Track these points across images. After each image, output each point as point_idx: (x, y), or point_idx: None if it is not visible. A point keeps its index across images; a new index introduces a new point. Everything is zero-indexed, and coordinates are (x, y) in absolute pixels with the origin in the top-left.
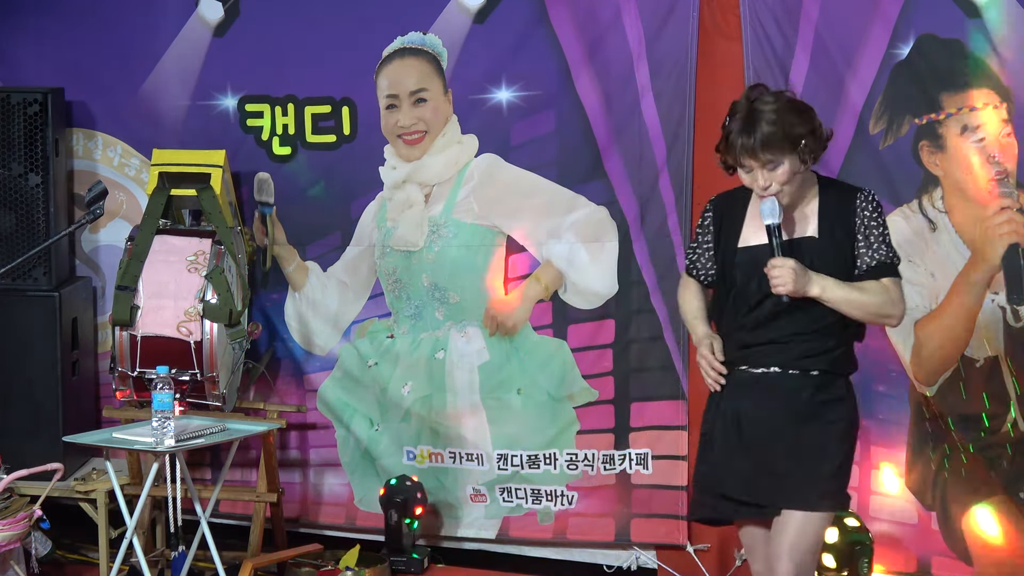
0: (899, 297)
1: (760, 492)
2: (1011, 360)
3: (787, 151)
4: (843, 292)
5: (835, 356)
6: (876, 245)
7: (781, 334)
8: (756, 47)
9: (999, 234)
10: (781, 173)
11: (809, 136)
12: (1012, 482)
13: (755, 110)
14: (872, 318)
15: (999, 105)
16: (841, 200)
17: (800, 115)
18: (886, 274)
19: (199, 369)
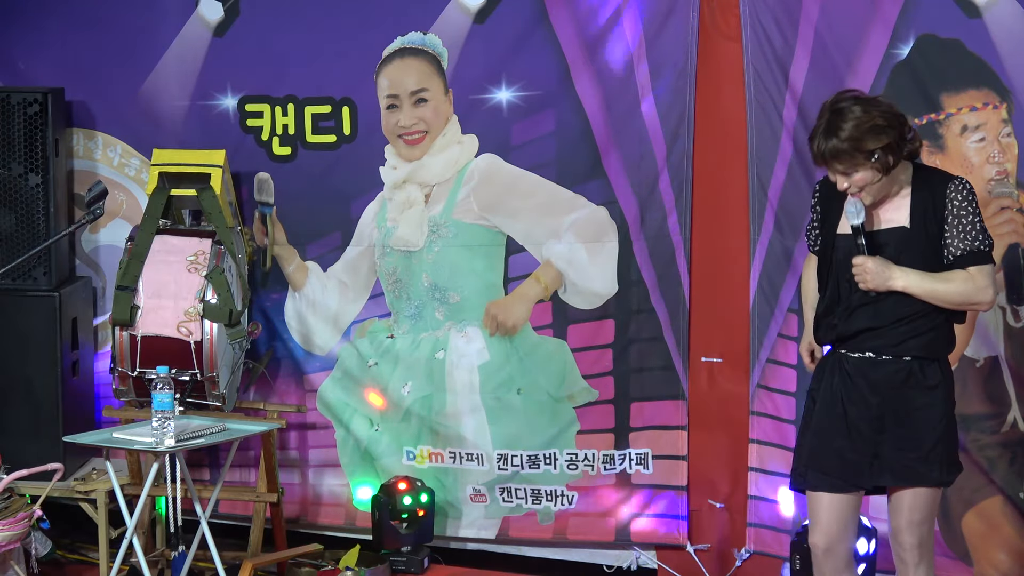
0: (986, 284)
1: (856, 474)
2: (1011, 360)
3: (860, 163)
4: (928, 285)
5: (927, 340)
6: (963, 234)
7: (873, 322)
8: (756, 47)
9: (999, 234)
10: (858, 179)
11: (882, 151)
12: (1012, 482)
13: (832, 122)
14: (960, 307)
15: (999, 105)
16: (934, 189)
17: (878, 132)
18: (973, 262)
19: (199, 369)
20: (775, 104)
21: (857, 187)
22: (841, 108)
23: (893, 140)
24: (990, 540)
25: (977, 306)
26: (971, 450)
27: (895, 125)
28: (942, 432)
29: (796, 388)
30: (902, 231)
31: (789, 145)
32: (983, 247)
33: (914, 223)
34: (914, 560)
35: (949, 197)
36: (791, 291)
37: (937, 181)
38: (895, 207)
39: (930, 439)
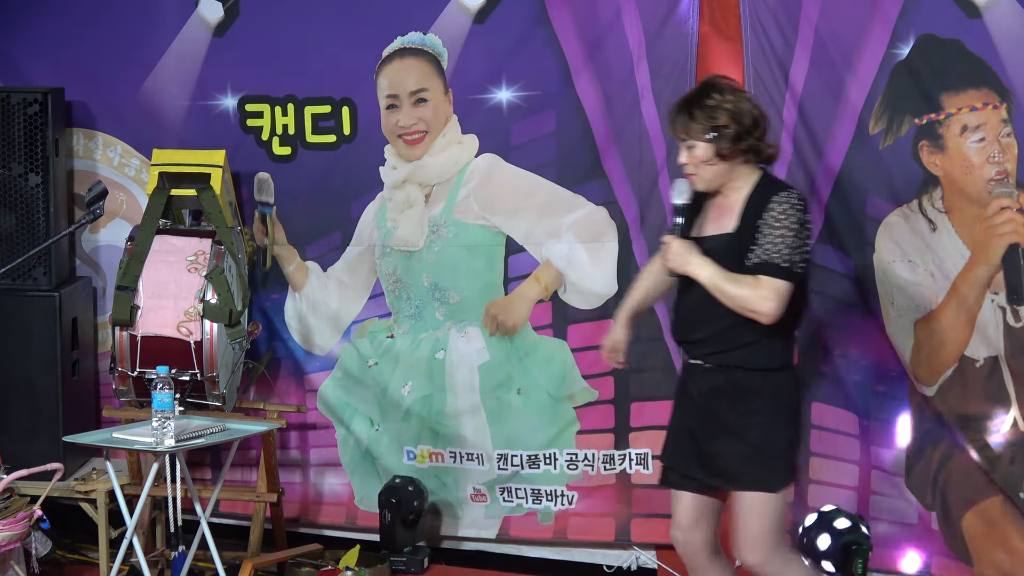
0: (771, 295)
1: (695, 470)
2: (1011, 360)
3: (697, 136)
4: (716, 280)
5: (751, 351)
6: (766, 244)
7: (703, 330)
8: (756, 47)
9: (999, 234)
10: (696, 155)
11: (721, 134)
12: (1012, 482)
13: (694, 92)
14: (740, 310)
15: (999, 105)
16: (763, 198)
17: (724, 114)
18: (765, 272)
19: (199, 369)
20: (775, 104)
21: (693, 164)
22: (708, 83)
23: (735, 130)
24: (990, 540)
25: (755, 315)
26: (971, 450)
27: (744, 118)
28: (763, 440)
29: None
30: (727, 236)
31: (789, 145)
32: (781, 262)
33: (739, 229)
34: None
35: (769, 208)
36: None
37: (771, 191)
38: (729, 214)
39: (750, 446)
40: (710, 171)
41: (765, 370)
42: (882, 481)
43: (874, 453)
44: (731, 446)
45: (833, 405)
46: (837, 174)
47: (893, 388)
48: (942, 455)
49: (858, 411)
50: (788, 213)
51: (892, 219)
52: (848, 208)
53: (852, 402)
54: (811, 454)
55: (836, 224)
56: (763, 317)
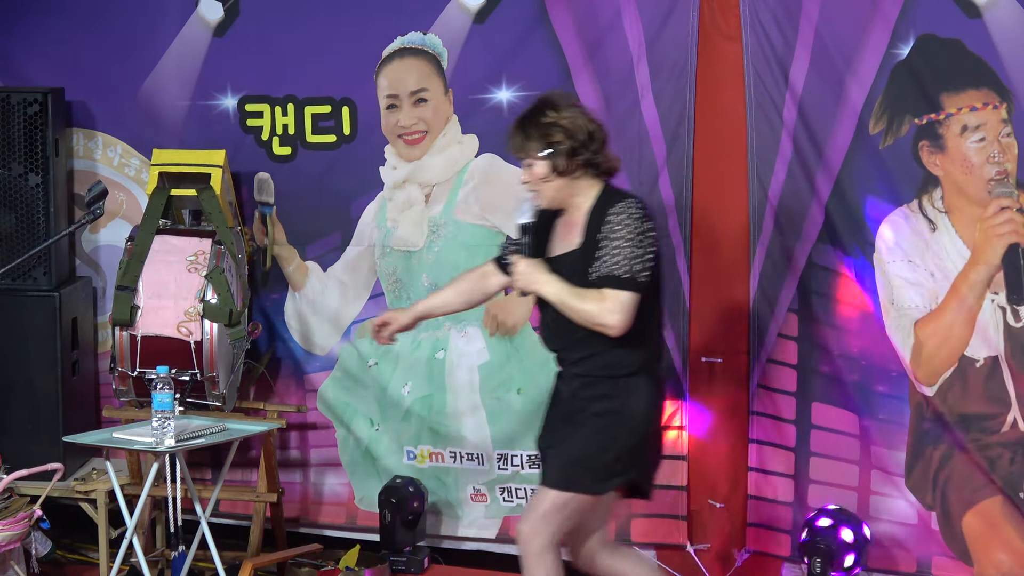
0: (616, 308)
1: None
2: (1011, 360)
3: (534, 154)
4: (563, 296)
5: (602, 360)
6: (607, 257)
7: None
8: (756, 47)
9: (999, 234)
10: (535, 172)
11: (555, 150)
12: (1012, 482)
13: (528, 110)
14: (587, 324)
15: (999, 105)
16: (604, 210)
17: (558, 131)
18: (608, 285)
19: (199, 369)
20: (775, 104)
21: (533, 182)
22: (543, 99)
23: (571, 145)
24: (990, 540)
25: (602, 328)
26: (971, 450)
27: (579, 133)
28: (588, 450)
29: (796, 388)
30: (574, 252)
31: (789, 145)
32: (622, 273)
33: (584, 244)
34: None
35: (608, 220)
36: (791, 291)
37: (610, 202)
38: (575, 230)
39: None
40: (550, 188)
41: (613, 377)
42: (882, 481)
43: (874, 453)
44: (559, 443)
45: (833, 405)
46: (837, 174)
47: (893, 388)
48: (942, 455)
49: (858, 411)
50: (625, 223)
51: (892, 219)
52: (848, 208)
53: (852, 402)
54: (811, 454)
55: (836, 224)
56: (610, 330)
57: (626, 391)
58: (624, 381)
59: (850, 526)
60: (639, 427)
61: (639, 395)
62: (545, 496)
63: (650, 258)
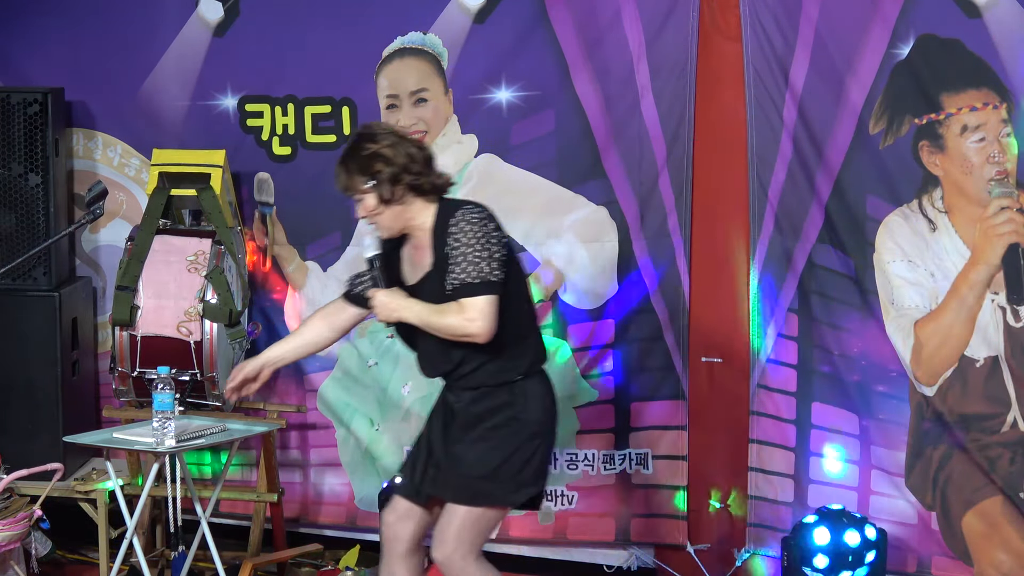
0: (476, 315)
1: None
2: (1011, 360)
3: (359, 188)
4: (425, 316)
5: (492, 369)
6: (457, 267)
7: (441, 366)
8: (756, 47)
9: (999, 234)
10: (366, 207)
11: (379, 181)
12: (1012, 482)
13: (348, 147)
14: (455, 338)
15: (999, 105)
16: (444, 224)
17: (378, 160)
18: (465, 294)
19: (199, 369)
20: (775, 104)
21: (366, 215)
22: (359, 134)
23: (392, 172)
24: (990, 540)
25: (469, 337)
26: (971, 450)
27: (397, 158)
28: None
29: (796, 388)
30: (429, 274)
31: (789, 145)
32: (472, 279)
33: (435, 263)
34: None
35: (450, 232)
36: (791, 291)
37: (450, 214)
38: (425, 252)
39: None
40: (385, 218)
41: (508, 383)
42: (882, 481)
43: (874, 453)
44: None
45: (833, 405)
46: (837, 174)
47: (893, 388)
48: (942, 455)
49: (858, 411)
50: (465, 230)
51: (892, 219)
52: (848, 208)
53: (852, 402)
54: (811, 454)
55: (836, 224)
56: (477, 337)
57: (523, 397)
58: (520, 386)
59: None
60: (543, 431)
61: (536, 399)
62: (454, 514)
63: (500, 257)
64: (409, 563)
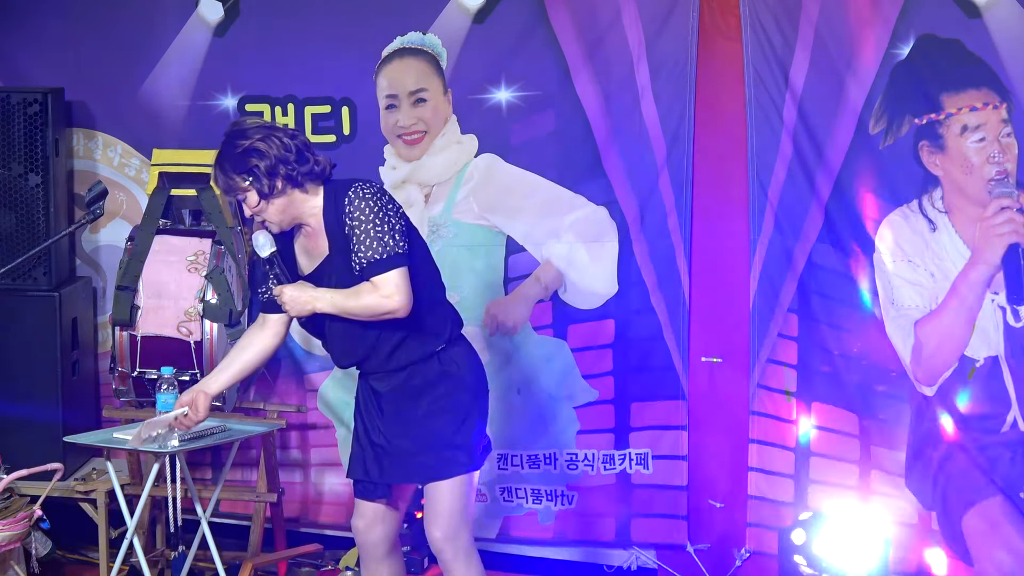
0: (391, 291)
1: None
2: (1011, 360)
3: (240, 187)
4: (339, 302)
5: (413, 344)
6: (360, 245)
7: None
8: (756, 47)
9: (999, 234)
10: (250, 203)
11: (256, 174)
12: (1012, 482)
13: (220, 150)
14: (375, 318)
15: (999, 105)
16: (336, 205)
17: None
18: (375, 272)
19: (199, 369)
20: (775, 104)
21: (253, 212)
22: (229, 133)
23: (265, 165)
24: (990, 540)
25: (391, 314)
26: (971, 450)
27: (270, 151)
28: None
29: (796, 388)
30: (327, 259)
31: (789, 145)
32: (378, 255)
33: (332, 247)
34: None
35: (346, 211)
36: (791, 291)
37: (339, 196)
38: (320, 239)
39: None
40: (271, 213)
41: (436, 353)
42: (882, 481)
43: (874, 453)
44: (417, 442)
45: (833, 405)
46: (837, 174)
47: (893, 388)
48: (942, 455)
49: (858, 411)
50: (360, 207)
51: (892, 219)
52: (848, 208)
53: (852, 402)
54: (811, 454)
55: (836, 224)
56: (398, 312)
57: (455, 364)
58: (448, 354)
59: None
60: (482, 392)
61: (468, 363)
62: (439, 492)
63: (401, 228)
64: (390, 563)
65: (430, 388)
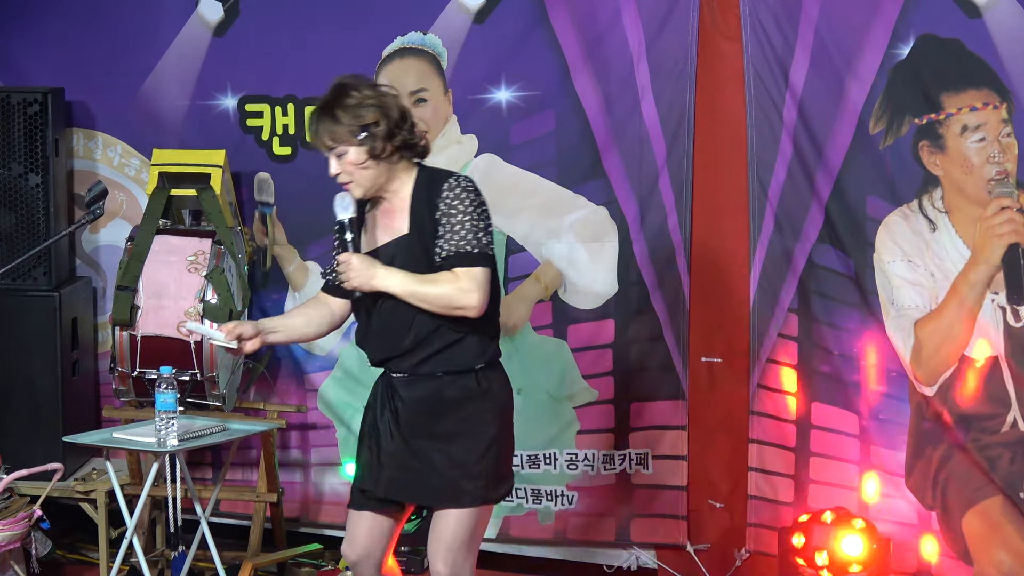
0: (473, 286)
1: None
2: (1011, 360)
3: (347, 139)
4: (411, 286)
5: (458, 351)
6: (450, 234)
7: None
8: (756, 47)
9: (999, 234)
10: (349, 161)
11: (372, 133)
12: (1012, 482)
13: (331, 95)
14: (444, 311)
15: (999, 105)
16: (430, 189)
17: (370, 110)
18: (459, 263)
19: (199, 369)
20: (775, 104)
21: (348, 172)
22: (344, 83)
23: (386, 126)
24: (990, 540)
25: (461, 310)
26: (971, 450)
27: (392, 112)
28: (468, 452)
29: (796, 388)
30: (402, 239)
31: (789, 145)
32: (472, 248)
33: (412, 228)
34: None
35: (441, 196)
36: (791, 291)
37: (436, 181)
38: (399, 216)
39: (453, 460)
40: (366, 176)
41: (475, 370)
42: (882, 481)
43: (874, 453)
44: (433, 462)
45: (833, 405)
46: (837, 174)
47: (893, 388)
48: (942, 455)
49: (858, 411)
50: (462, 198)
51: (892, 219)
52: (848, 208)
53: (852, 402)
54: (811, 454)
55: (836, 224)
56: (471, 311)
57: (490, 385)
58: (484, 374)
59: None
60: (510, 423)
61: (502, 388)
62: (446, 521)
63: (491, 232)
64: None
65: (458, 406)
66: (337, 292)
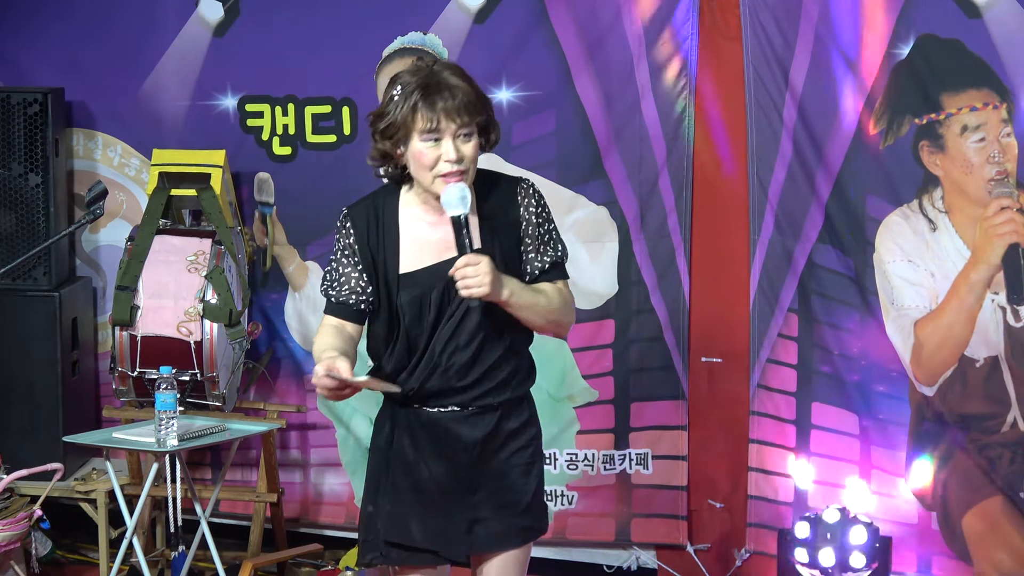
0: (573, 301)
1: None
2: (1011, 360)
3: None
4: (529, 297)
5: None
6: (542, 245)
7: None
8: (756, 47)
9: (999, 234)
10: (471, 148)
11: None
12: (1012, 482)
13: (444, 79)
14: (551, 326)
15: (999, 105)
16: (500, 195)
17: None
18: (559, 276)
19: (199, 369)
20: (775, 104)
21: (469, 160)
22: (449, 66)
23: (491, 118)
24: (990, 540)
25: (563, 328)
26: (971, 450)
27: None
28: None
29: (796, 388)
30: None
31: (789, 145)
32: (563, 258)
33: (484, 237)
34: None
35: (523, 204)
36: (791, 291)
37: (503, 186)
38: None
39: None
40: (473, 169)
41: (526, 396)
42: (882, 481)
43: (874, 453)
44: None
45: (833, 405)
46: (837, 174)
47: (893, 388)
48: (942, 455)
49: (858, 411)
50: (543, 204)
51: (892, 219)
52: (848, 208)
53: (852, 402)
54: (811, 454)
55: (836, 224)
56: (566, 330)
57: (534, 410)
58: (529, 398)
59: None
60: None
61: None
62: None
63: None
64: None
65: (514, 437)
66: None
